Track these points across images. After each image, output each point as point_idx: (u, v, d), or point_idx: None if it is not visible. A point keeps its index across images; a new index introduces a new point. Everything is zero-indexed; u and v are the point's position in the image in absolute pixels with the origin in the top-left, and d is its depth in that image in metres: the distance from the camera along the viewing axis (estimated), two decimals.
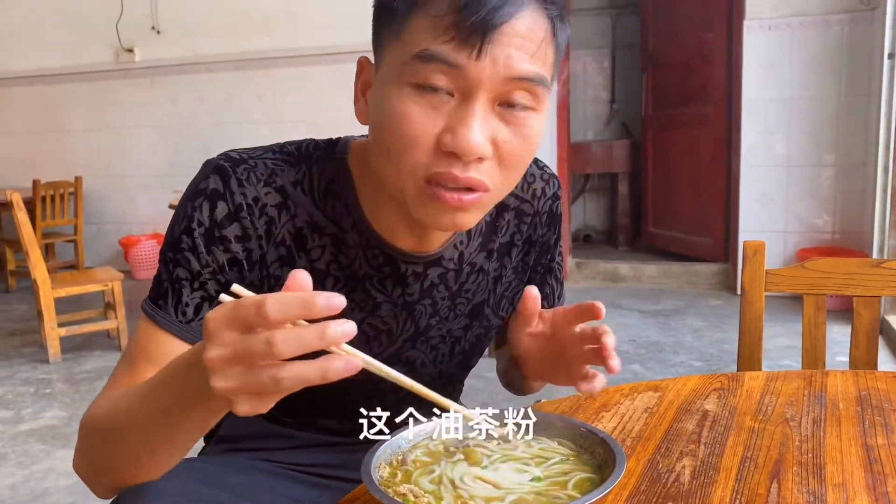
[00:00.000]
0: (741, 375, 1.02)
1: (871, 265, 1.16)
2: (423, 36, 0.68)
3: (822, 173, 4.22)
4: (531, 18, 0.69)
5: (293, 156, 0.84)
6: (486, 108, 0.70)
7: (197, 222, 0.78)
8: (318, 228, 0.83)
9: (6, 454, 2.58)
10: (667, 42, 5.03)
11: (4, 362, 3.62)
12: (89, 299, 4.31)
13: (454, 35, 0.67)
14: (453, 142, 0.69)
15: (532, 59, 0.70)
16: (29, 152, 5.92)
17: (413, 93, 0.70)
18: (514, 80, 0.69)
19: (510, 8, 0.67)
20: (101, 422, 0.73)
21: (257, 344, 0.51)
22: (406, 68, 0.69)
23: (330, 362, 0.51)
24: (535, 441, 0.72)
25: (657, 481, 0.73)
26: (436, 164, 0.70)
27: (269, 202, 0.80)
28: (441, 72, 0.68)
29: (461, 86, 0.69)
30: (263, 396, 0.54)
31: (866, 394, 0.94)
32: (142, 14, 5.41)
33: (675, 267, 4.83)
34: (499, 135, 0.71)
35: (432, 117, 0.69)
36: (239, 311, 0.52)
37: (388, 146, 0.72)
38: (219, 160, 0.81)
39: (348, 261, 0.84)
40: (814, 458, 0.77)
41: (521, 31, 0.68)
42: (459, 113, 0.69)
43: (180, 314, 0.78)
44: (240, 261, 0.80)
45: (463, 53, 0.67)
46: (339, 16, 4.89)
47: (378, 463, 0.67)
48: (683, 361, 3.32)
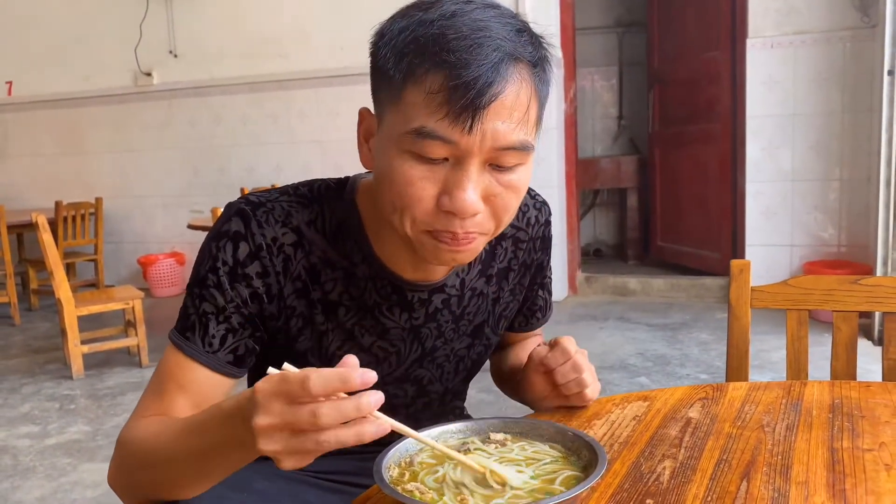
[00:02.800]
0: (726, 386, 1.10)
1: (849, 282, 1.24)
2: (419, 111, 0.76)
3: (828, 188, 4.28)
4: (516, 92, 0.76)
5: (306, 197, 0.92)
6: (478, 170, 0.78)
7: (221, 262, 0.87)
8: (331, 263, 0.91)
9: (34, 467, 2.68)
10: (672, 60, 5.13)
11: (30, 379, 3.74)
12: (110, 317, 4.43)
13: (447, 112, 0.74)
14: (451, 203, 0.77)
15: (518, 128, 0.77)
16: (52, 174, 6.09)
17: (413, 159, 0.78)
18: (501, 149, 0.77)
19: (496, 87, 0.74)
20: (138, 451, 0.82)
21: (304, 415, 0.61)
22: (405, 138, 0.77)
23: (364, 427, 0.62)
24: (529, 444, 0.81)
25: (639, 481, 0.81)
26: (436, 222, 0.80)
27: (285, 241, 0.89)
28: (437, 145, 0.76)
29: (455, 153, 0.77)
30: (305, 455, 0.64)
31: (839, 402, 1.02)
32: (160, 39, 5.57)
33: (683, 281, 4.90)
34: (491, 190, 0.80)
35: (431, 181, 0.78)
36: (285, 385, 0.62)
37: (394, 201, 0.80)
38: (240, 204, 0.90)
39: (359, 291, 0.93)
40: (782, 460, 0.84)
41: (507, 104, 0.76)
42: (454, 177, 0.78)
43: (207, 345, 0.87)
44: (260, 295, 0.88)
45: (456, 129, 0.75)
46: (351, 39, 5.01)
47: (388, 464, 0.75)
48: (690, 374, 3.38)
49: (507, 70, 0.75)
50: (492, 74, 0.74)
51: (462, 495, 0.71)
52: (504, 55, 0.75)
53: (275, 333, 0.92)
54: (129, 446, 0.83)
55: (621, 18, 6.29)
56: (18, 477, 2.60)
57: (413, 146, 0.77)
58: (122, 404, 3.31)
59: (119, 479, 0.85)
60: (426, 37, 0.75)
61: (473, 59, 0.73)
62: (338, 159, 5.17)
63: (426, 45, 0.75)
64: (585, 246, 6.25)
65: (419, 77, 0.76)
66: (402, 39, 0.77)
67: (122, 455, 0.84)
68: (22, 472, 2.64)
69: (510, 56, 0.76)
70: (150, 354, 3.87)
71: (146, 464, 0.81)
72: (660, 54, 5.26)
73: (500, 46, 0.75)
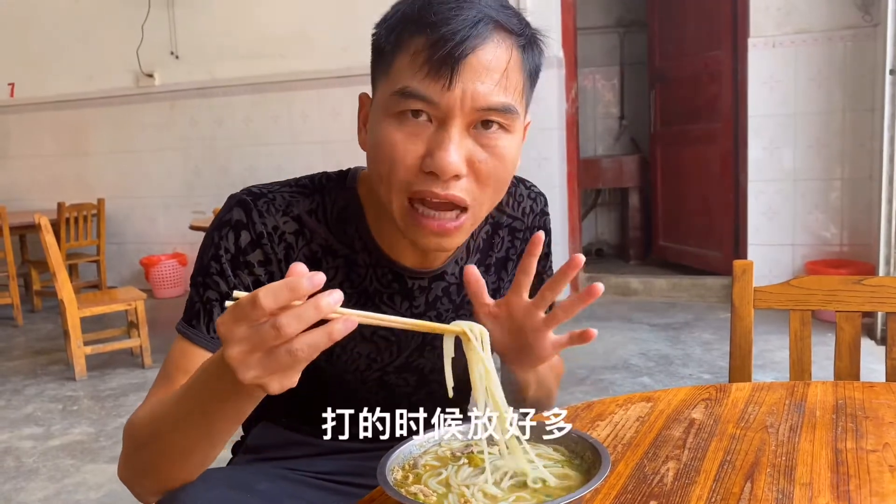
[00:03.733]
0: (729, 386, 1.10)
1: (852, 282, 1.24)
2: (404, 73, 0.79)
3: (830, 187, 4.28)
4: (494, 49, 0.79)
5: (308, 187, 0.94)
6: (461, 132, 0.80)
7: (224, 250, 0.88)
8: (332, 251, 0.93)
9: (38, 469, 2.69)
10: (673, 60, 5.12)
11: (32, 380, 3.74)
12: (112, 318, 4.43)
13: (428, 70, 0.78)
14: (432, 163, 0.79)
15: (498, 89, 0.79)
16: (54, 175, 6.10)
17: (397, 122, 0.81)
18: (482, 110, 0.79)
19: (473, 41, 0.77)
20: (142, 427, 0.82)
21: (266, 331, 0.60)
22: (390, 102, 0.80)
23: (332, 325, 0.61)
24: (533, 447, 0.81)
25: (643, 482, 0.81)
26: (418, 183, 0.81)
27: (287, 230, 0.90)
28: (419, 104, 0.79)
29: (437, 114, 0.80)
30: (287, 371, 0.62)
31: (843, 402, 1.02)
32: (161, 40, 5.57)
33: (685, 280, 4.89)
34: (474, 155, 0.81)
35: (414, 143, 0.80)
36: (239, 309, 0.61)
37: (380, 169, 0.83)
38: (241, 195, 0.91)
39: (359, 279, 0.94)
40: (786, 461, 0.84)
41: (484, 62, 0.78)
42: (437, 137, 0.80)
43: (212, 331, 0.87)
44: (262, 282, 0.88)
45: (436, 86, 0.78)
46: (352, 39, 5.01)
47: (392, 467, 0.75)
48: (692, 374, 3.38)
49: (486, 29, 0.79)
50: (469, 31, 0.77)
51: (465, 497, 0.71)
52: (484, 16, 0.79)
53: None
54: (131, 429, 0.83)
55: (622, 18, 6.28)
56: (22, 478, 2.61)
57: (397, 106, 0.80)
58: (124, 405, 3.31)
59: (127, 467, 0.84)
60: (414, 6, 0.80)
61: (454, 18, 0.77)
62: (340, 160, 5.10)
63: (413, 13, 0.80)
64: (587, 246, 6.25)
65: (405, 42, 0.80)
66: (394, 16, 0.83)
67: (126, 439, 0.84)
68: (25, 474, 2.64)
69: (490, 18, 0.79)
70: (153, 355, 3.87)
71: (145, 440, 0.80)
72: (661, 54, 5.26)
73: (481, 10, 0.79)
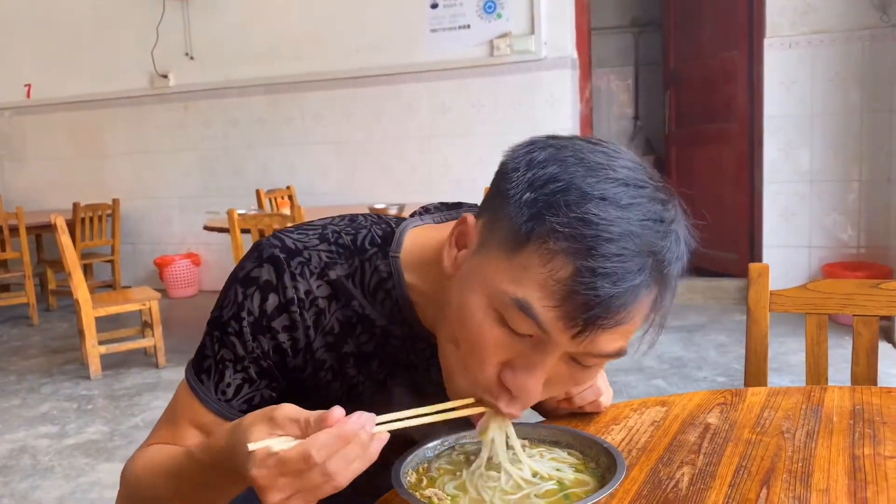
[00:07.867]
0: (745, 391, 1.09)
1: (869, 286, 1.23)
2: (530, 283, 0.66)
3: (847, 188, 4.24)
4: (642, 317, 0.68)
5: (348, 248, 0.85)
6: (557, 360, 0.70)
7: (247, 311, 0.81)
8: (368, 320, 0.85)
9: (53, 467, 2.71)
10: (689, 60, 5.10)
11: (48, 379, 3.78)
12: (127, 318, 4.46)
13: (561, 311, 0.65)
14: (512, 381, 0.70)
15: (622, 338, 0.69)
16: (70, 176, 6.16)
17: (498, 323, 0.69)
18: (594, 356, 0.70)
19: (625, 313, 0.65)
20: (141, 479, 0.82)
21: (316, 478, 0.60)
22: (502, 298, 0.67)
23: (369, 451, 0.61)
24: (548, 451, 0.81)
25: (658, 487, 0.80)
26: (488, 391, 0.72)
27: (319, 294, 0.83)
28: (531, 325, 0.67)
29: (542, 338, 0.68)
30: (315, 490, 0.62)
31: (860, 408, 1.00)
32: (176, 41, 5.61)
33: (699, 283, 4.86)
34: (556, 378, 0.73)
35: (504, 347, 0.70)
36: (287, 466, 0.60)
37: (458, 338, 0.73)
38: (273, 249, 0.82)
39: (395, 350, 0.88)
40: (803, 467, 0.83)
41: (625, 328, 0.68)
42: (530, 358, 0.69)
43: (220, 393, 0.83)
44: (284, 349, 0.83)
45: (559, 327, 0.66)
46: (366, 41, 5.03)
47: (406, 470, 0.75)
48: (707, 377, 3.36)
49: (641, 295, 0.66)
50: (626, 299, 0.65)
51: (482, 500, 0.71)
52: (646, 278, 0.65)
53: (299, 382, 0.87)
54: (131, 476, 0.84)
55: (637, 18, 6.27)
56: (38, 476, 2.63)
57: (505, 311, 0.68)
58: (139, 405, 3.33)
59: None
60: (569, 210, 0.64)
61: (620, 279, 0.64)
62: (353, 160, 5.18)
63: (566, 223, 0.64)
64: None
65: (547, 250, 0.65)
66: (543, 189, 0.66)
67: (125, 486, 0.85)
68: (41, 472, 2.67)
69: (651, 280, 0.66)
70: (167, 355, 3.89)
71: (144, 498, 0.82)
72: (676, 54, 5.23)
73: (644, 266, 0.65)
